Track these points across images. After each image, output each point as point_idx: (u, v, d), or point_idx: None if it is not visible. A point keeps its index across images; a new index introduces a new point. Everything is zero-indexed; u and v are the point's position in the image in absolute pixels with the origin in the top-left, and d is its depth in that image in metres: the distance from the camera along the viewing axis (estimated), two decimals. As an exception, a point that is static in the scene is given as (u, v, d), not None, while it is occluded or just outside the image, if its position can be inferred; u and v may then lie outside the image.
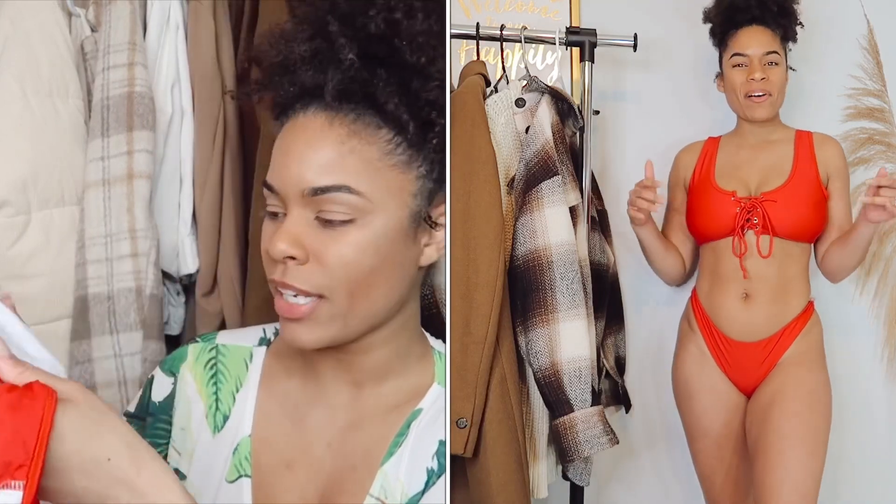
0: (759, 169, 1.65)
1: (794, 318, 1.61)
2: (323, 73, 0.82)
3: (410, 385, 0.89)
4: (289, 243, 0.78)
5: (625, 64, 1.91)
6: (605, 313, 1.69)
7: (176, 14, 1.36)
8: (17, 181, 1.22)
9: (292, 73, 0.83)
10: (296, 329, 0.80)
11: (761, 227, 1.58)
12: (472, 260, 1.33)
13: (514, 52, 1.82)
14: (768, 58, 1.62)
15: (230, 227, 1.38)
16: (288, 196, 0.79)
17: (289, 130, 0.82)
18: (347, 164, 0.80)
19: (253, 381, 0.90)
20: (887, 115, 1.91)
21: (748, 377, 1.62)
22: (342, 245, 0.79)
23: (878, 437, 1.93)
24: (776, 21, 1.64)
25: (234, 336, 0.95)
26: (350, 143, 0.80)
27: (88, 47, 1.33)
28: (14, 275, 1.24)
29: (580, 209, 1.49)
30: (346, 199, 0.79)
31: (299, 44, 0.83)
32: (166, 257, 1.37)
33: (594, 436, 1.36)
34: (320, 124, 0.81)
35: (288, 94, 0.83)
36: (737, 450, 1.64)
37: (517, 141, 1.45)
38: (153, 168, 1.31)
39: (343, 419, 0.87)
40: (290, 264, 0.79)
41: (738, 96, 1.65)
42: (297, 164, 0.80)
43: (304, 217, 0.79)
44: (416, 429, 0.85)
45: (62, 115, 1.28)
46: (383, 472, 0.83)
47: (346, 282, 0.79)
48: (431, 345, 0.93)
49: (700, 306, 1.67)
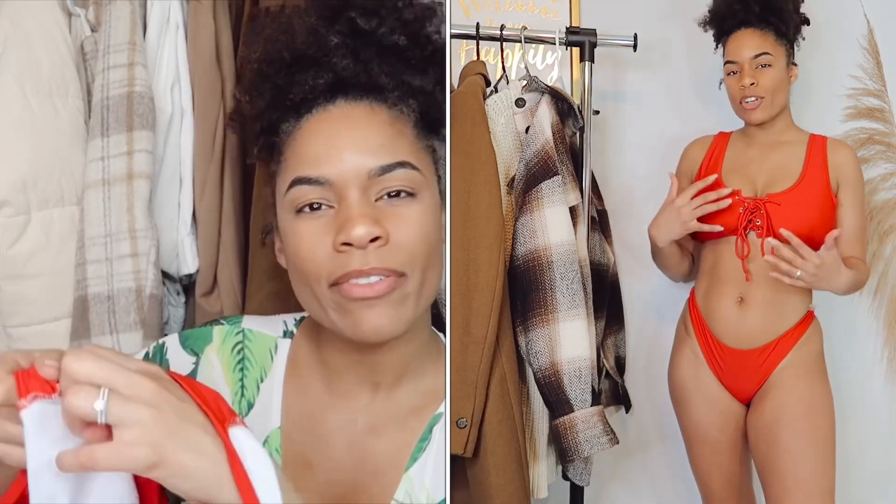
0: (768, 169, 1.61)
1: (791, 327, 1.56)
2: (357, 62, 0.82)
3: (426, 387, 0.88)
4: (370, 224, 0.76)
5: (625, 64, 1.91)
6: (605, 313, 1.69)
7: (176, 14, 1.35)
8: (17, 181, 1.22)
9: (319, 63, 0.82)
10: (376, 316, 0.77)
11: (764, 229, 1.54)
12: (472, 260, 1.33)
13: (514, 52, 1.82)
14: (758, 60, 1.58)
15: (230, 227, 1.38)
16: (346, 182, 0.78)
17: (321, 122, 0.81)
18: (399, 145, 0.81)
19: (278, 374, 0.89)
20: (887, 115, 1.91)
21: (743, 385, 1.59)
22: (412, 220, 0.79)
23: (878, 437, 1.93)
24: (764, 20, 1.60)
25: (258, 323, 0.93)
26: (395, 127, 0.82)
27: (88, 47, 1.33)
28: (14, 275, 1.24)
29: (580, 209, 1.49)
30: (409, 175, 0.80)
31: (330, 34, 0.82)
32: (166, 257, 1.36)
33: (594, 436, 1.36)
34: (363, 111, 0.82)
35: (314, 86, 0.82)
36: (734, 455, 1.63)
37: (517, 141, 1.45)
38: (153, 168, 1.31)
39: (363, 423, 0.86)
40: (371, 247, 0.76)
41: (735, 103, 1.63)
42: (352, 147, 0.79)
43: (366, 200, 0.78)
44: (438, 433, 0.84)
45: (62, 115, 1.28)
46: (408, 477, 0.83)
47: (421, 256, 0.79)
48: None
49: (696, 309, 1.65)
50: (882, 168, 1.91)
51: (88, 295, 1.27)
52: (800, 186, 1.56)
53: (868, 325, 1.92)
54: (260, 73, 0.85)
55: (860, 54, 1.92)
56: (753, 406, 1.60)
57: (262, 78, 0.84)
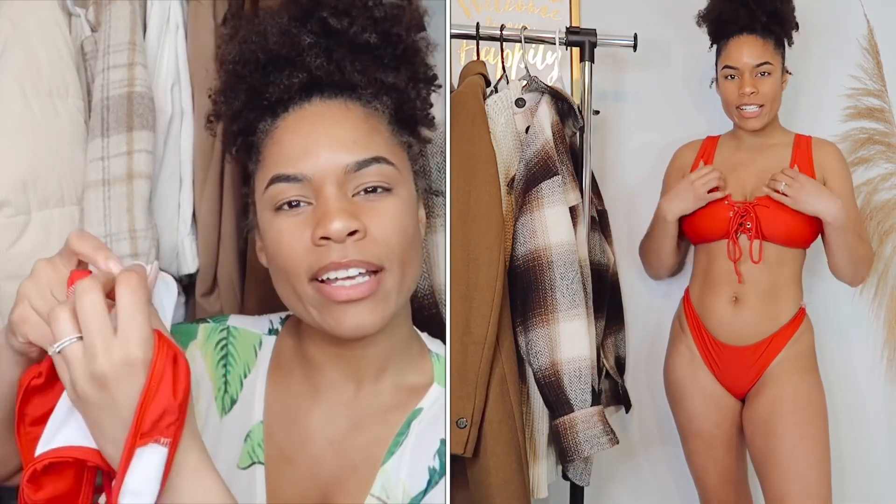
0: (756, 173, 1.64)
1: (784, 325, 1.59)
2: (330, 60, 0.83)
3: (408, 383, 0.89)
4: (347, 219, 0.77)
5: (625, 64, 1.91)
6: (605, 313, 1.69)
7: (176, 14, 1.35)
8: (17, 181, 1.22)
9: (293, 63, 0.83)
10: (357, 313, 0.78)
11: (754, 231, 1.57)
12: (472, 260, 1.33)
13: (514, 52, 1.82)
14: (760, 69, 1.59)
15: (230, 227, 1.38)
16: (324, 178, 0.79)
17: (297, 120, 0.83)
18: (374, 141, 0.82)
19: (262, 369, 0.90)
20: (887, 115, 1.91)
21: (738, 381, 1.62)
22: (388, 215, 0.81)
23: (877, 437, 1.93)
24: (768, 29, 1.60)
25: (244, 321, 0.95)
26: (370, 123, 0.84)
27: (88, 47, 1.33)
28: (14, 275, 1.24)
29: (580, 209, 1.49)
30: (385, 170, 0.81)
31: (303, 35, 0.83)
32: (166, 257, 1.36)
33: (594, 436, 1.36)
34: (338, 108, 0.83)
35: (289, 86, 0.83)
36: (729, 450, 1.65)
37: (517, 141, 1.45)
38: (153, 168, 1.30)
39: (344, 418, 0.87)
40: (349, 241, 0.78)
41: (730, 108, 1.64)
42: (328, 144, 0.80)
43: (343, 195, 0.80)
44: (416, 428, 0.85)
45: (62, 116, 1.28)
46: (384, 472, 0.83)
47: (399, 250, 0.81)
48: (434, 349, 0.93)
49: (691, 308, 1.67)
50: (882, 168, 1.91)
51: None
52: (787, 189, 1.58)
53: (868, 325, 1.92)
54: (235, 74, 0.86)
55: (860, 54, 1.92)
56: (749, 401, 1.62)
57: (238, 79, 0.86)
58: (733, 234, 1.58)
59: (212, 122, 0.95)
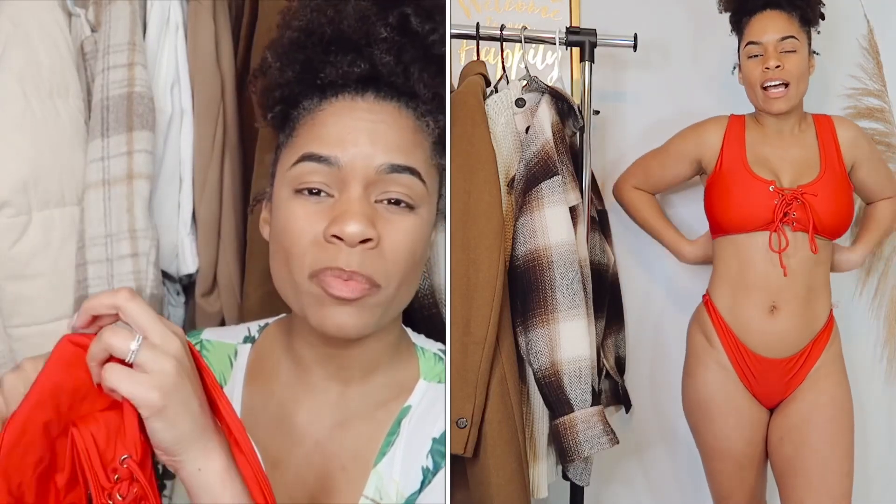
0: (791, 162, 1.54)
1: (820, 330, 1.52)
2: (399, 61, 0.79)
3: (395, 381, 0.88)
4: (365, 224, 0.74)
5: (625, 64, 1.91)
6: (605, 313, 1.69)
7: (176, 14, 1.35)
8: (18, 181, 1.22)
9: (359, 51, 0.79)
10: (343, 314, 0.76)
11: (799, 222, 1.47)
12: (472, 260, 1.33)
13: (514, 52, 1.82)
14: (784, 44, 1.51)
15: (230, 227, 1.38)
16: (354, 169, 0.76)
17: (345, 109, 0.79)
18: (416, 154, 0.80)
19: (237, 379, 0.89)
20: (887, 115, 1.91)
21: (773, 393, 1.53)
22: (404, 232, 0.78)
23: (878, 437, 1.93)
24: (791, 3, 1.54)
25: (218, 333, 0.94)
26: (417, 137, 0.81)
27: (88, 47, 1.33)
28: (14, 275, 1.24)
29: (580, 209, 1.49)
30: (414, 184, 0.79)
31: (379, 26, 0.79)
32: (166, 257, 1.36)
33: (594, 436, 1.36)
34: (391, 111, 0.80)
35: (348, 73, 0.79)
36: (757, 469, 1.58)
37: (517, 141, 1.45)
38: (153, 168, 1.31)
39: (330, 418, 0.86)
40: (360, 248, 0.75)
41: (755, 89, 1.54)
42: (370, 139, 0.77)
43: (367, 198, 0.77)
44: (406, 427, 0.84)
45: (62, 116, 1.28)
46: (377, 473, 0.82)
47: (401, 271, 0.78)
48: (419, 343, 0.92)
49: (720, 318, 1.55)
50: (882, 168, 1.91)
51: (89, 295, 1.27)
52: (826, 176, 1.52)
53: (868, 325, 1.92)
54: (296, 43, 0.81)
55: (860, 54, 1.92)
56: (780, 409, 1.55)
57: (297, 47, 0.81)
58: (779, 223, 1.47)
59: (255, 78, 0.88)
